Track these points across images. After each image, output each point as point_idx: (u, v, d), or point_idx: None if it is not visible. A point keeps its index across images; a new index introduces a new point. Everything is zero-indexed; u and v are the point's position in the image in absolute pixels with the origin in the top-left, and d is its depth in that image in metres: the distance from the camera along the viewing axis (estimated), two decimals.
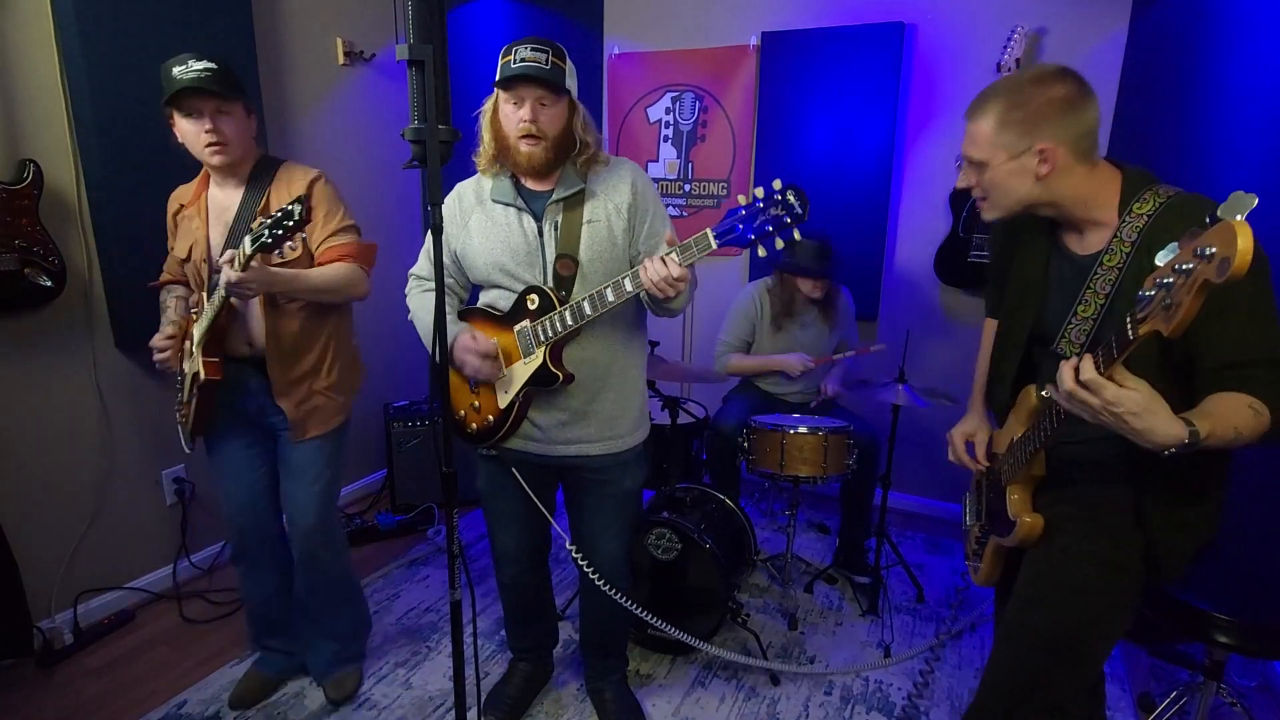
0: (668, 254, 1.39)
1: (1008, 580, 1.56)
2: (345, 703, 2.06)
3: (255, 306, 1.79)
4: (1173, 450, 1.04)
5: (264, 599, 2.04)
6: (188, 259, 1.82)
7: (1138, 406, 1.01)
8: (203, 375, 1.73)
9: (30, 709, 2.03)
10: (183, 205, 1.85)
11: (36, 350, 2.20)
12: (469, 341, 1.58)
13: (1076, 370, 1.04)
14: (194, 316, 1.83)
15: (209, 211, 1.81)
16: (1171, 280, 0.91)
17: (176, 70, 1.65)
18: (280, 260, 1.77)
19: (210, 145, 1.69)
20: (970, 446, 1.59)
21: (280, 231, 1.51)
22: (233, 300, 1.73)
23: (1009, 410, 1.46)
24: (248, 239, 1.57)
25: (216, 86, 1.65)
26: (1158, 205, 1.20)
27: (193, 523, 2.66)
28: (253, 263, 1.58)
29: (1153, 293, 0.94)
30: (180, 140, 1.73)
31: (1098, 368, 1.02)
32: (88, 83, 2.15)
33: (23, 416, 2.19)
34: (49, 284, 2.12)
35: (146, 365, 2.45)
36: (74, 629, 2.29)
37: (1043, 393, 1.29)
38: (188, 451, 1.95)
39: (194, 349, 1.77)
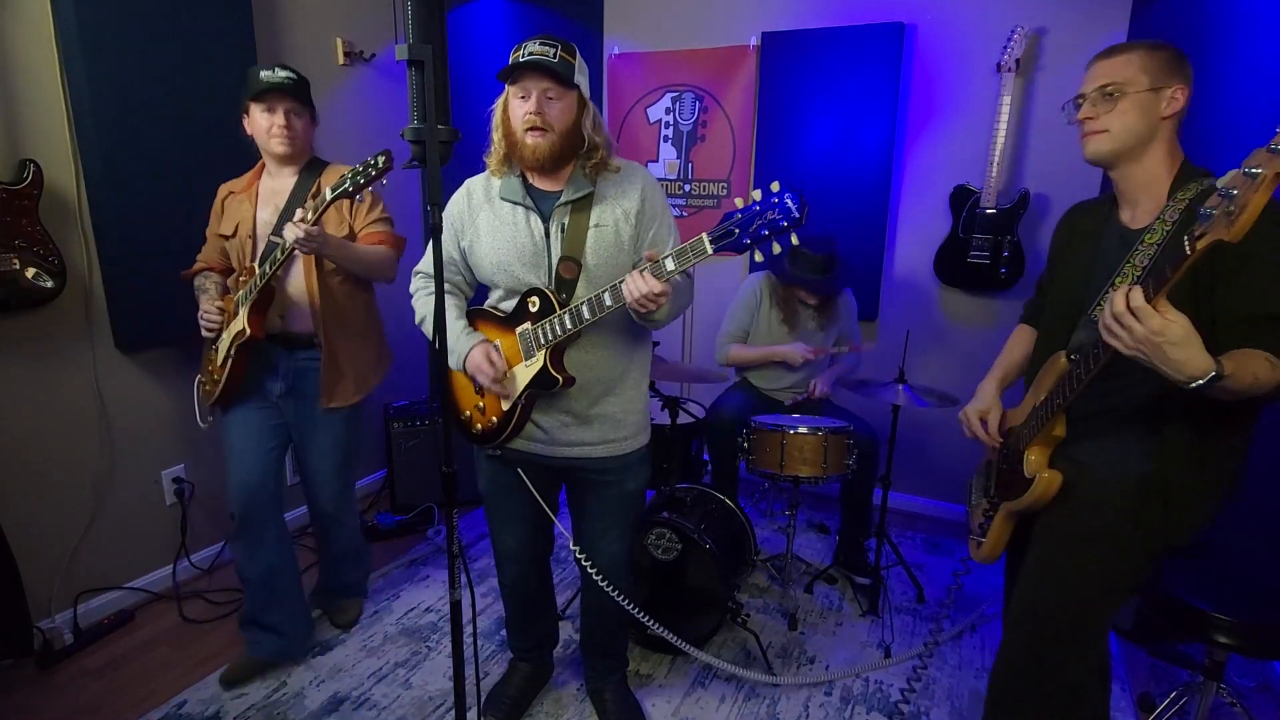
0: (644, 269, 1.39)
1: (1015, 566, 1.59)
2: (349, 628, 2.38)
3: (296, 278, 1.98)
4: (1198, 384, 1.08)
5: (264, 573, 2.10)
6: (233, 235, 2.01)
7: (1177, 337, 1.06)
8: (248, 331, 1.91)
9: (30, 709, 2.03)
10: (233, 191, 2.05)
11: (36, 350, 2.19)
12: (483, 362, 1.57)
13: (1127, 296, 1.08)
14: (238, 284, 1.98)
15: (259, 195, 2.02)
16: (1236, 190, 0.94)
17: (264, 74, 1.91)
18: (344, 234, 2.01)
19: (277, 135, 1.93)
20: (984, 425, 1.62)
21: (362, 180, 1.69)
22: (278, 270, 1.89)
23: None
24: (328, 189, 1.76)
25: (295, 91, 1.93)
26: (1198, 191, 1.27)
27: (192, 523, 2.66)
28: (320, 218, 1.78)
29: (1214, 209, 0.97)
30: (249, 131, 1.97)
31: (1147, 296, 1.06)
32: (88, 83, 2.15)
33: (23, 416, 2.18)
34: (49, 284, 2.11)
35: (146, 365, 2.47)
36: (74, 629, 2.29)
37: (1071, 356, 1.35)
38: (202, 426, 2.12)
39: (240, 308, 1.94)
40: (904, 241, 3.15)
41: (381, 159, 1.66)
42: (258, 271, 1.91)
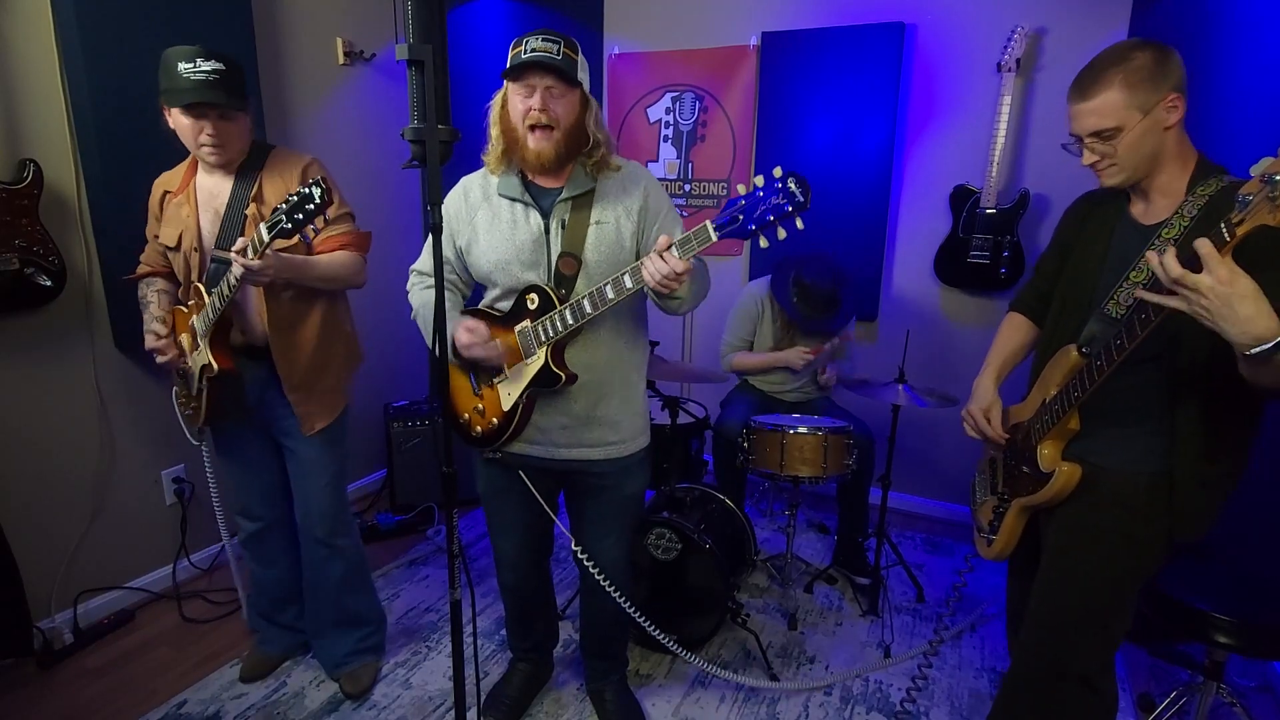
0: (667, 249, 1.36)
1: (1020, 561, 1.60)
2: (360, 697, 2.07)
3: (252, 295, 1.79)
4: (1263, 348, 1.02)
5: (278, 576, 2.11)
6: (177, 247, 1.80)
7: (1248, 290, 1.01)
8: (215, 367, 1.75)
9: (30, 709, 2.03)
10: (169, 192, 1.83)
11: (36, 350, 2.19)
12: (465, 336, 1.56)
13: (1192, 247, 1.03)
14: (187, 309, 1.82)
15: (198, 198, 1.79)
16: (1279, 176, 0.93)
17: (183, 68, 1.60)
18: (285, 246, 1.72)
19: (207, 146, 1.69)
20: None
21: (300, 216, 1.49)
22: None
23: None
24: (263, 225, 1.53)
25: (224, 98, 1.64)
26: (1219, 188, 1.26)
27: (192, 523, 2.66)
28: (268, 250, 1.57)
29: (1253, 195, 0.97)
30: (172, 126, 1.71)
31: (1218, 246, 1.02)
32: (88, 83, 2.15)
33: (23, 416, 2.18)
34: (49, 284, 2.12)
35: (146, 365, 2.46)
36: (74, 629, 2.29)
37: (1083, 349, 1.36)
38: (194, 443, 1.98)
39: (201, 341, 1.77)
40: (904, 241, 3.15)
41: (317, 193, 1.47)
42: (208, 300, 1.72)
